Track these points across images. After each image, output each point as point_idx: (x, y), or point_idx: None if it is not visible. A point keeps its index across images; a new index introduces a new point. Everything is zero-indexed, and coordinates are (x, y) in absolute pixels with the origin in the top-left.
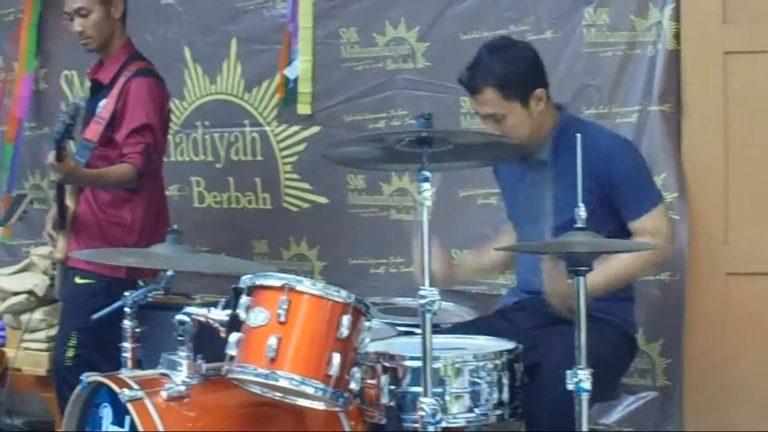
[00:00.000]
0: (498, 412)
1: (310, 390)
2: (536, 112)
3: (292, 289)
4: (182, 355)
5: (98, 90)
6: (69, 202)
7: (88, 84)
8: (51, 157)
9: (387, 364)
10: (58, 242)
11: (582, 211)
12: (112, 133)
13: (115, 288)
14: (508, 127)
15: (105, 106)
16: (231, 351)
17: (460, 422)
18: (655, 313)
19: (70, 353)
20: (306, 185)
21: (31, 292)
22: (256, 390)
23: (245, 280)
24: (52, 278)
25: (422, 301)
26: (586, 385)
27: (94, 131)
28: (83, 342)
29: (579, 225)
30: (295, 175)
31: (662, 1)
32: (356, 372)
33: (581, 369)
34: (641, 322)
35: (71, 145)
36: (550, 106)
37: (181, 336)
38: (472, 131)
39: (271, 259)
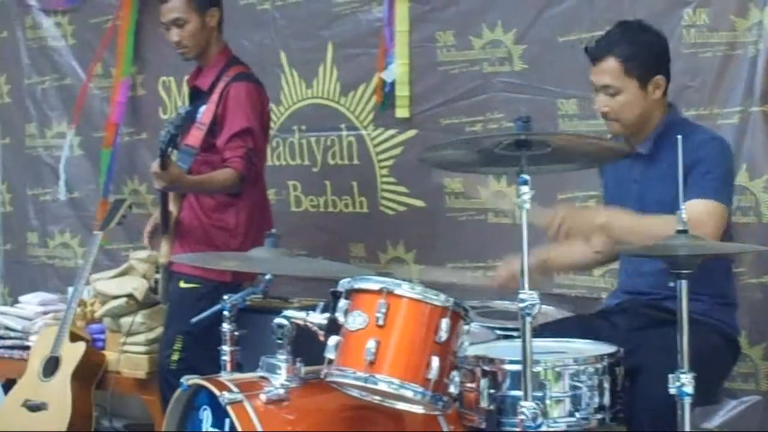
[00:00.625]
0: (599, 416)
1: (409, 393)
2: (651, 98)
3: (390, 293)
4: (281, 359)
5: (197, 96)
6: (172, 207)
7: (187, 91)
8: (155, 165)
9: (486, 368)
10: (161, 247)
11: (683, 214)
12: (214, 139)
13: (220, 292)
14: (619, 104)
15: (205, 112)
16: (330, 354)
17: (561, 426)
18: (758, 316)
19: (174, 357)
20: (403, 189)
21: (130, 296)
22: (355, 393)
23: (343, 284)
24: (155, 281)
25: (521, 305)
26: (689, 389)
27: (195, 137)
28: (188, 345)
29: (680, 228)
30: (391, 179)
31: (763, 0)
32: (455, 376)
33: (683, 372)
34: (744, 325)
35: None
36: (663, 100)
37: (280, 339)
38: (570, 134)
39: (368, 263)
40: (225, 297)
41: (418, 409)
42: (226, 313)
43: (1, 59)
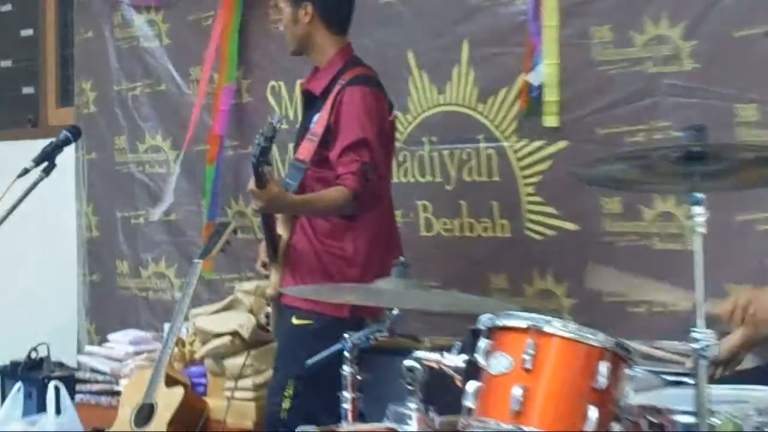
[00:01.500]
0: None
1: None
2: None
3: (539, 331)
4: (412, 407)
5: (312, 103)
6: (281, 230)
7: (300, 96)
8: (251, 183)
9: (653, 419)
10: (270, 277)
11: None
12: (327, 151)
13: (337, 329)
14: None
15: (318, 121)
16: (468, 402)
17: None
18: None
19: (286, 404)
20: (551, 209)
21: (235, 334)
22: None
23: (484, 321)
24: (266, 316)
25: (696, 346)
26: None
27: (306, 150)
28: (302, 391)
29: None
30: (538, 198)
31: None
32: (616, 427)
33: None
34: None
35: (272, 168)
36: None
37: (410, 384)
38: (752, 145)
39: (511, 296)
40: (345, 335)
41: None
42: (346, 354)
43: (86, 63)
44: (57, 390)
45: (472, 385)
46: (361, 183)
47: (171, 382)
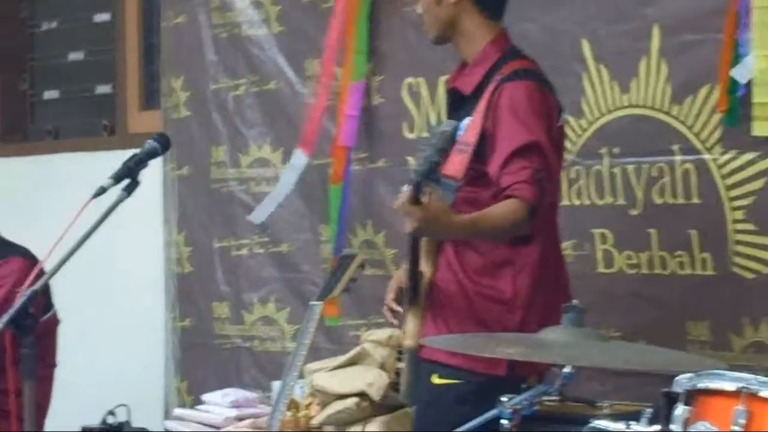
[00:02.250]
0: None
1: None
2: None
3: (752, 396)
4: None
5: (459, 104)
6: (424, 266)
7: (444, 97)
8: (404, 198)
9: None
10: (407, 323)
11: None
12: (482, 165)
13: (492, 390)
14: None
15: (470, 127)
16: None
17: None
18: None
19: None
20: (766, 240)
21: (363, 395)
22: None
23: (681, 382)
24: (397, 374)
25: None
26: None
27: (456, 164)
28: None
29: None
30: (750, 226)
31: None
32: None
33: None
34: None
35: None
36: None
37: None
38: None
39: (715, 350)
40: (502, 399)
41: None
42: (504, 422)
43: (177, 55)
44: None
45: None
46: (537, 193)
47: None
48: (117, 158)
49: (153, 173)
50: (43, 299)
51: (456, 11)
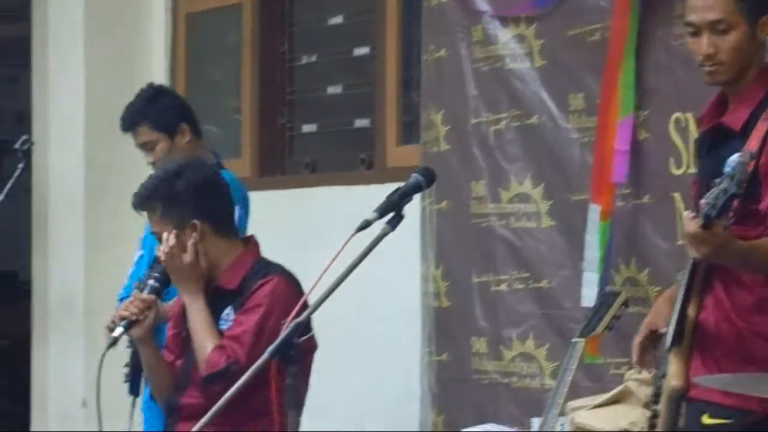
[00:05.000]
0: None
1: None
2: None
3: None
4: None
5: (722, 140)
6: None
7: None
8: (693, 225)
9: None
10: (670, 364)
11: None
12: (754, 203)
13: (763, 430)
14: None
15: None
16: None
17: None
18: None
19: None
20: None
21: None
22: None
23: None
24: (654, 416)
25: None
26: None
27: None
28: None
29: None
30: None
31: None
32: None
33: None
34: None
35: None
36: None
37: None
38: None
39: None
40: None
41: None
42: None
43: (436, 89)
44: None
45: None
46: None
47: None
48: (374, 192)
49: (411, 207)
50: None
51: (758, 49)
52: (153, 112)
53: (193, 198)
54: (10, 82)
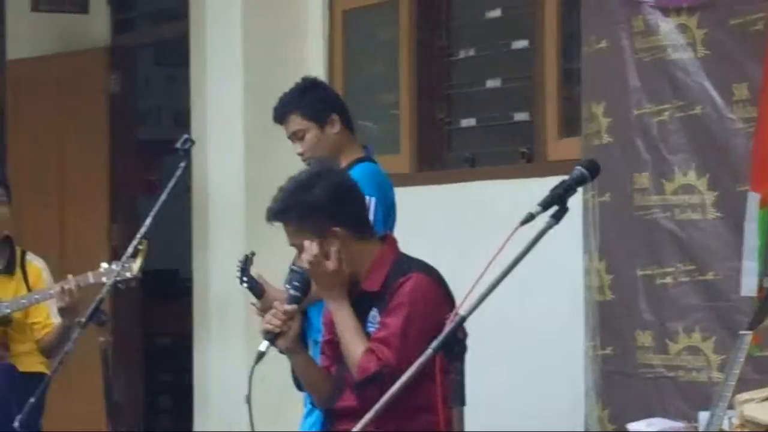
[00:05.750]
0: None
1: None
2: None
3: None
4: None
5: None
6: None
7: None
8: None
9: None
10: None
11: None
12: None
13: None
14: None
15: None
16: None
17: None
18: None
19: None
20: None
21: None
22: None
23: None
24: None
25: None
26: None
27: None
28: None
29: None
30: None
31: None
32: None
33: None
34: None
35: None
36: None
37: None
38: None
39: None
40: None
41: None
42: None
43: (598, 81)
44: None
45: None
46: None
47: None
48: (534, 186)
49: (573, 200)
50: None
51: None
52: (303, 101)
53: (329, 206)
54: (169, 82)
